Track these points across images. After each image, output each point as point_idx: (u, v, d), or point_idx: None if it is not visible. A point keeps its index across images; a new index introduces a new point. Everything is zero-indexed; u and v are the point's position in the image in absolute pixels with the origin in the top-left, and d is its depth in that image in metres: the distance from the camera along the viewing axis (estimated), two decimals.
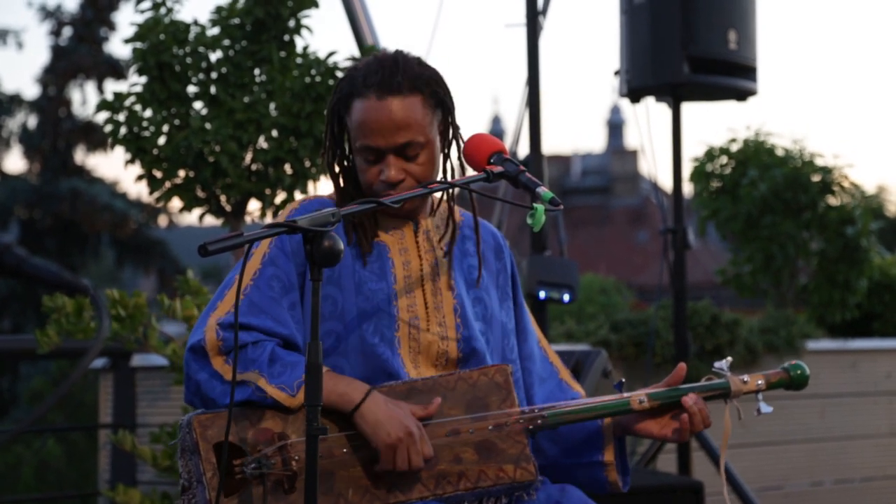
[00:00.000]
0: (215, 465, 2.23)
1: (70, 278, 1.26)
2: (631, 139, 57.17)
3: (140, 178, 4.38)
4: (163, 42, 4.31)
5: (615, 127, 53.91)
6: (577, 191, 46.46)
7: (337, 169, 2.47)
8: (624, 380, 2.47)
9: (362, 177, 2.41)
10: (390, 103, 2.37)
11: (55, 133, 18.98)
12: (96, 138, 19.05)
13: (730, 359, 2.50)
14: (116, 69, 19.20)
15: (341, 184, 2.47)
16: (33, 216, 17.90)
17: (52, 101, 19.19)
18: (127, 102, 4.33)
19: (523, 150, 5.14)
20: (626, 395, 2.42)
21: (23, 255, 1.25)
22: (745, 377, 2.48)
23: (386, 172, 2.38)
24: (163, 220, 19.18)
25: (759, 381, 2.48)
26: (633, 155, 46.89)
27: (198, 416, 2.26)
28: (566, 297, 4.48)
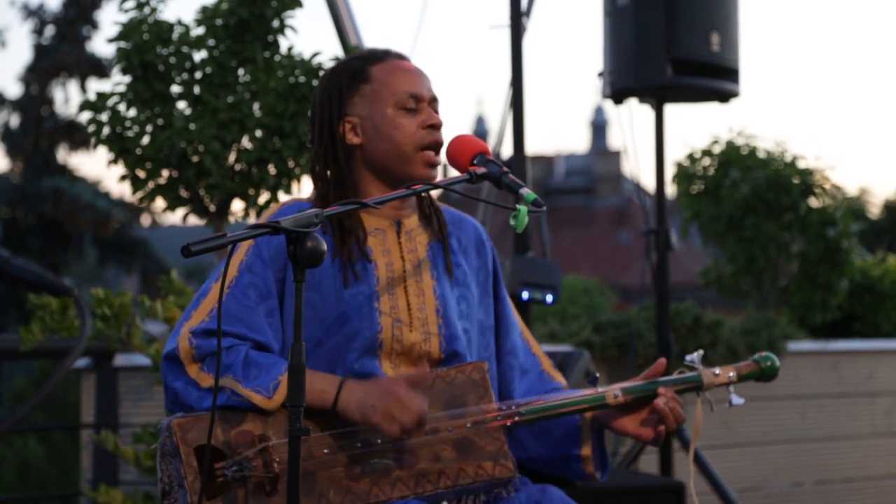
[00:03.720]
0: (196, 468, 2.22)
1: (53, 280, 1.26)
2: (614, 140, 57.27)
3: (123, 178, 4.37)
4: (147, 42, 4.30)
5: (598, 128, 54.03)
6: (561, 191, 46.51)
7: (324, 166, 2.48)
8: (598, 374, 2.49)
9: (399, 133, 2.43)
10: (413, 62, 2.46)
11: (38, 132, 18.91)
12: (79, 137, 18.99)
13: (701, 351, 2.53)
14: (99, 68, 19.15)
15: (329, 182, 2.47)
16: (16, 215, 17.83)
17: (34, 99, 19.12)
18: (110, 102, 4.32)
19: (507, 151, 5.14)
20: (601, 389, 2.44)
21: (6, 255, 1.25)
22: (717, 370, 2.51)
23: (432, 117, 2.44)
24: (146, 220, 19.14)
25: (731, 374, 2.52)
26: (616, 156, 46.96)
27: (177, 419, 2.25)
28: (549, 298, 4.49)
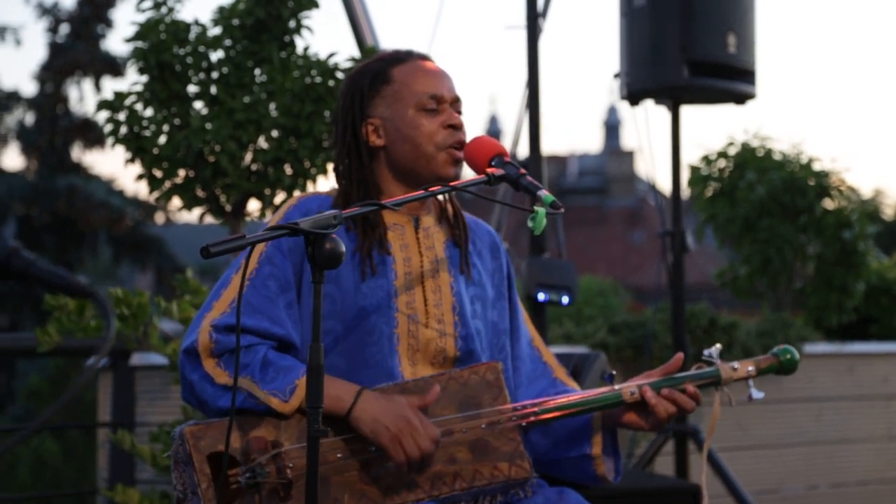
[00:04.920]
0: (209, 475, 2.22)
1: (77, 282, 1.26)
2: (628, 140, 57.17)
3: (140, 177, 4.38)
4: (163, 41, 4.30)
5: (612, 128, 53.89)
6: (574, 191, 46.40)
7: (347, 167, 2.48)
8: (614, 372, 2.47)
9: (420, 134, 2.43)
10: (435, 63, 2.49)
11: (52, 130, 18.96)
12: (93, 135, 19.03)
13: (719, 346, 2.52)
14: (113, 66, 19.18)
15: (352, 182, 2.47)
16: (31, 213, 17.88)
17: (49, 97, 19.17)
18: (127, 102, 4.33)
19: (521, 151, 5.15)
20: (617, 387, 2.43)
21: (30, 258, 1.25)
22: (735, 364, 2.49)
23: (453, 117, 2.45)
24: (160, 218, 19.17)
25: (750, 368, 2.50)
26: (629, 156, 46.84)
27: (189, 427, 2.25)
28: (565, 300, 4.49)
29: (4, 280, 1.22)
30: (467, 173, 2.48)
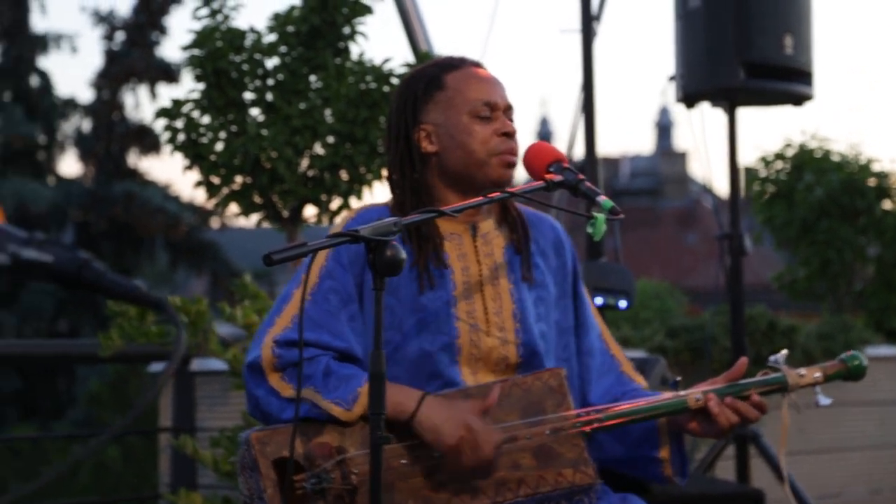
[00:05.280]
0: (275, 481, 2.24)
1: (147, 294, 1.27)
2: (680, 141, 56.80)
3: (198, 184, 4.41)
4: (220, 49, 4.34)
5: (664, 129, 53.60)
6: (626, 193, 46.19)
7: (400, 174, 2.48)
8: (679, 378, 2.45)
9: (473, 140, 2.43)
10: (488, 70, 2.49)
11: (109, 137, 19.14)
12: (149, 141, 19.19)
13: (785, 352, 2.47)
14: (168, 73, 19.34)
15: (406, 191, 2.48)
16: (88, 219, 18.05)
17: (105, 104, 19.35)
18: (185, 109, 4.37)
19: (572, 153, 5.13)
20: (682, 393, 2.41)
21: (102, 270, 1.27)
22: (802, 370, 2.45)
23: (506, 125, 2.44)
24: (215, 223, 19.31)
25: (817, 374, 2.46)
26: (682, 157, 46.59)
27: (255, 433, 2.27)
28: (623, 304, 4.46)
29: (76, 291, 1.23)
30: (520, 177, 2.48)
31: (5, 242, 1.24)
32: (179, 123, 4.36)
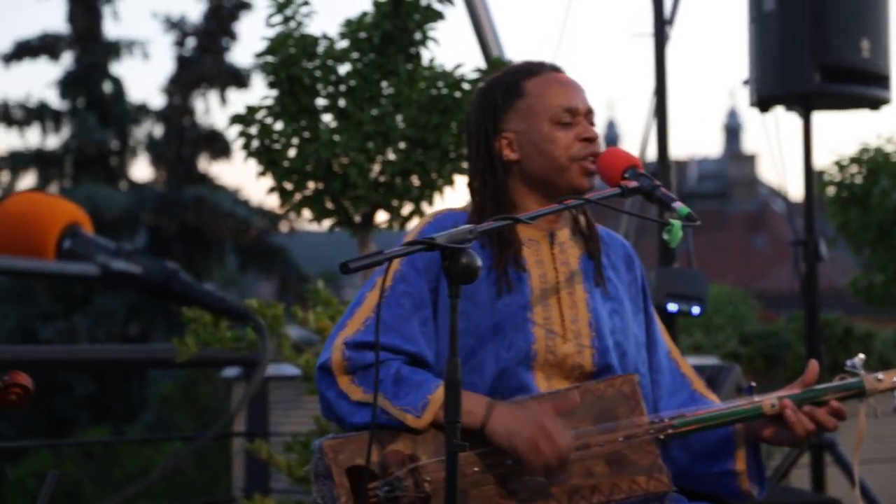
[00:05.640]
0: (349, 489, 2.25)
1: (234, 305, 1.29)
2: (748, 143, 56.27)
3: (271, 190, 4.44)
4: (293, 56, 4.36)
5: (732, 131, 53.09)
6: (694, 195, 45.78)
7: (481, 182, 2.48)
8: (754, 384, 2.43)
9: (555, 147, 2.42)
10: (568, 75, 2.48)
11: (180, 141, 19.38)
12: (219, 146, 19.39)
13: (863, 356, 2.44)
14: (238, 78, 19.52)
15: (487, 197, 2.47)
16: (159, 223, 18.29)
17: (176, 110, 19.59)
18: (258, 116, 4.40)
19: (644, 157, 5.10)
20: (757, 399, 2.38)
21: (189, 281, 1.28)
22: (880, 375, 2.42)
23: (588, 130, 2.43)
24: (284, 226, 19.45)
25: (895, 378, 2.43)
26: (750, 159, 46.11)
27: (328, 441, 2.28)
28: (696, 310, 4.43)
29: (164, 301, 1.25)
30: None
31: (95, 253, 1.26)
32: (253, 130, 4.39)
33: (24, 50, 19.18)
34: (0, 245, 1.25)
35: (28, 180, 19.23)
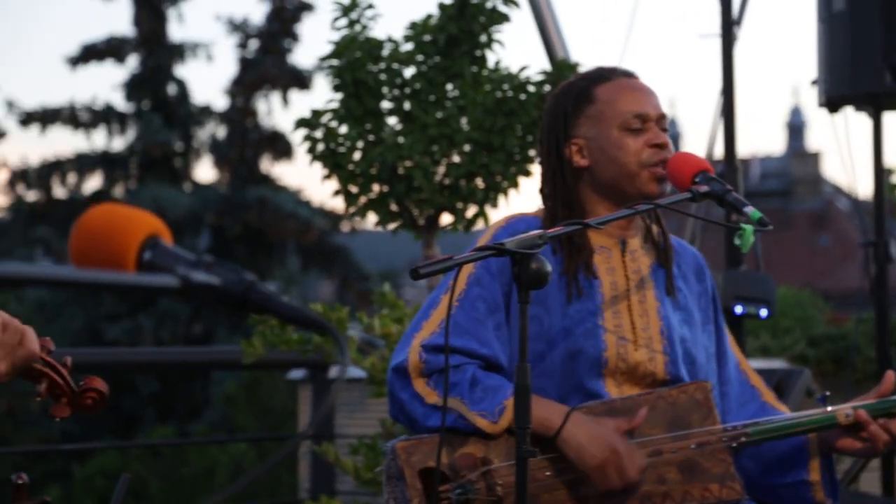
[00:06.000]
0: (421, 491, 2.26)
1: (312, 316, 1.29)
2: (812, 142, 55.66)
3: (336, 193, 4.46)
4: (358, 59, 4.37)
5: (795, 129, 52.56)
6: (757, 194, 45.35)
7: (552, 187, 2.47)
8: (828, 392, 2.40)
9: (625, 154, 2.41)
10: (641, 80, 2.45)
11: (243, 143, 19.55)
12: (281, 147, 19.54)
13: None
14: (300, 79, 19.66)
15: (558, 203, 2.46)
16: (223, 224, 18.45)
17: (239, 111, 19.77)
18: (324, 119, 4.41)
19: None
20: (830, 409, 2.35)
21: (267, 292, 1.29)
22: None
23: (659, 136, 2.41)
24: (345, 226, 19.54)
25: None
26: (814, 157, 45.63)
27: (401, 443, 2.29)
28: (763, 313, 4.39)
29: (242, 312, 1.25)
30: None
31: (175, 265, 1.27)
32: (318, 133, 4.40)
33: (91, 53, 19.46)
34: (82, 258, 1.26)
35: (94, 182, 19.51)
